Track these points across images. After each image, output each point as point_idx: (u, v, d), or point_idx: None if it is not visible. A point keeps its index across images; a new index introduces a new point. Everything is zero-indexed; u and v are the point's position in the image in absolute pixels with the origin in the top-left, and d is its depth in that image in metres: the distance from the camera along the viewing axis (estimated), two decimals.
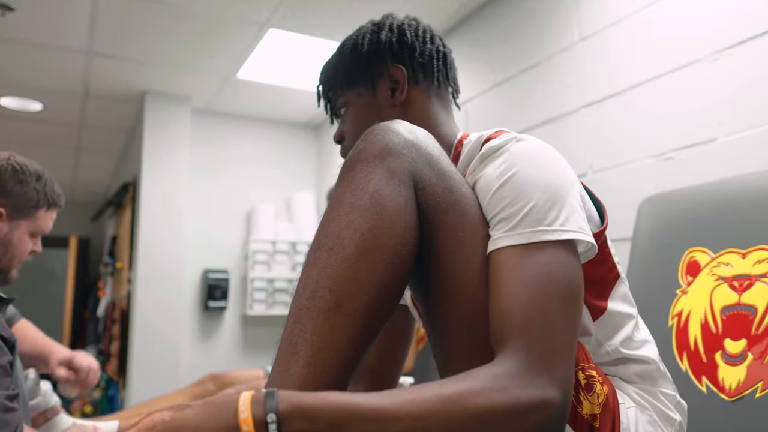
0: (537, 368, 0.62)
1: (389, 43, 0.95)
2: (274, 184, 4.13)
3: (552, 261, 0.69)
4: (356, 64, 0.95)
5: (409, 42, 0.96)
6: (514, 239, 0.70)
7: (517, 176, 0.73)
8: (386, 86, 0.95)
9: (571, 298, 0.68)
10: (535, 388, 0.60)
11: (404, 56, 0.95)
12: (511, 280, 0.68)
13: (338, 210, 0.70)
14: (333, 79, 0.97)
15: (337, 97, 0.98)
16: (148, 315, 3.36)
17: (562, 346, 0.65)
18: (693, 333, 1.28)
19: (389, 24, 0.97)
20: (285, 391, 0.56)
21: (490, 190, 0.75)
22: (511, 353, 0.63)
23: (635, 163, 1.81)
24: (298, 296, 0.69)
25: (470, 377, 0.60)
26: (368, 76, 0.94)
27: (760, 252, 1.22)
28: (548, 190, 0.72)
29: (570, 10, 2.10)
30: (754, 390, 1.13)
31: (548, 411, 0.60)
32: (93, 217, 5.62)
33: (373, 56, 0.95)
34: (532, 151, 0.76)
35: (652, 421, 0.81)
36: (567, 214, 0.72)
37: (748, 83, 1.53)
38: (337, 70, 0.97)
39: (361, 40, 0.95)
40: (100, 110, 3.81)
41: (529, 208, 0.71)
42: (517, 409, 0.58)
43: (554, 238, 0.69)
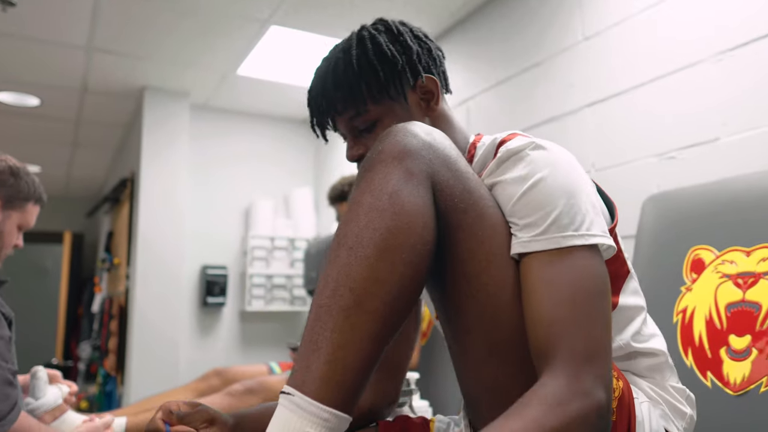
0: (583, 375, 0.66)
1: (417, 54, 0.93)
2: (272, 180, 4.13)
3: (583, 266, 0.72)
4: (387, 75, 0.90)
5: (434, 53, 0.97)
6: (543, 244, 0.73)
7: (541, 183, 0.75)
8: (417, 97, 0.94)
9: (602, 300, 0.72)
10: (584, 397, 0.65)
11: (431, 66, 0.95)
12: (548, 287, 0.71)
13: (357, 210, 0.72)
14: (357, 93, 0.90)
15: (360, 113, 0.91)
16: (147, 311, 3.36)
17: (602, 349, 0.69)
18: (698, 329, 1.30)
19: (406, 30, 0.95)
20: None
21: (514, 195, 0.77)
22: (558, 364, 0.67)
23: (638, 162, 1.83)
24: (318, 294, 0.71)
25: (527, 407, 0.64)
26: (401, 88, 0.91)
27: (765, 250, 1.24)
28: (572, 195, 0.75)
29: (573, 10, 2.12)
30: (759, 384, 1.16)
31: (599, 413, 0.66)
32: (89, 213, 5.60)
33: (405, 68, 0.92)
34: (552, 158, 0.78)
35: (665, 415, 0.84)
36: (591, 219, 0.75)
37: (751, 84, 1.55)
38: (363, 81, 0.90)
39: (387, 50, 0.91)
40: (97, 106, 3.80)
41: (557, 214, 0.74)
42: (574, 423, 0.64)
43: (582, 243, 0.73)
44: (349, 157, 0.95)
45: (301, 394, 0.66)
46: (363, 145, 0.93)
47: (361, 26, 0.96)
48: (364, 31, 0.94)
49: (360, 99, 0.91)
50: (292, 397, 0.66)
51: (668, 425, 0.83)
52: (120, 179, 3.95)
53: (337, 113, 0.93)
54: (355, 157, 0.94)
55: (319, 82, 0.94)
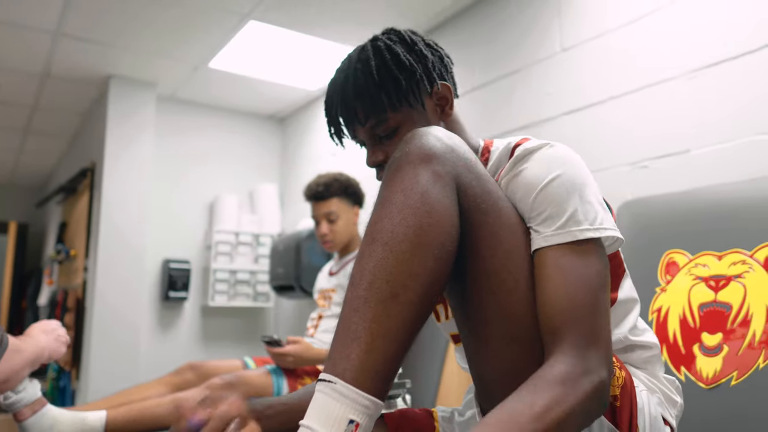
0: (590, 355, 0.74)
1: (431, 61, 0.98)
2: (237, 175, 4.10)
3: (593, 260, 0.80)
4: (408, 84, 0.94)
5: (445, 60, 1.03)
6: (562, 237, 0.80)
7: (558, 180, 0.82)
8: (433, 103, 0.99)
9: (605, 292, 0.80)
10: (592, 374, 0.72)
11: (443, 73, 1.01)
12: (562, 278, 0.78)
13: (390, 208, 0.76)
14: (380, 102, 0.94)
15: (382, 121, 0.96)
16: (108, 304, 3.28)
17: (606, 333, 0.77)
18: (672, 327, 1.40)
19: (419, 39, 1.00)
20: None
21: (533, 191, 0.83)
22: (570, 344, 0.74)
23: (612, 170, 1.94)
24: (354, 286, 0.74)
25: (545, 388, 0.70)
26: (419, 95, 0.96)
27: (735, 255, 1.35)
28: (584, 192, 0.83)
29: (552, 21, 2.21)
30: (730, 378, 1.26)
31: (603, 390, 0.73)
32: (39, 203, 5.38)
33: (423, 78, 0.96)
34: (566, 157, 0.85)
35: (660, 403, 0.91)
36: (602, 214, 0.83)
37: (721, 101, 1.67)
38: (384, 92, 0.94)
39: (405, 59, 0.95)
40: (57, 92, 3.67)
41: (573, 210, 0.81)
42: (586, 399, 0.71)
43: (597, 236, 0.80)
44: (370, 164, 0.99)
45: (344, 381, 0.68)
46: (383, 151, 0.98)
47: (374, 36, 1.00)
48: (378, 42, 0.98)
49: (381, 108, 0.95)
50: (334, 384, 0.68)
51: (664, 412, 0.91)
52: (80, 169, 3.83)
53: (359, 123, 0.97)
54: (376, 163, 0.99)
55: (338, 92, 0.98)
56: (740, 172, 1.60)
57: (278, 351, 2.01)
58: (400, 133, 0.96)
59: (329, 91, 1.01)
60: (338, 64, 1.01)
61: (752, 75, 1.62)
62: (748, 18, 1.64)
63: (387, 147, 0.97)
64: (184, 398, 0.86)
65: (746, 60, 1.63)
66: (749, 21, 1.63)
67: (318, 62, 3.25)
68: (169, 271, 3.67)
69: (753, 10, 1.63)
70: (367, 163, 1.00)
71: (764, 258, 1.29)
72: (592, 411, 0.73)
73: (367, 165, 1.00)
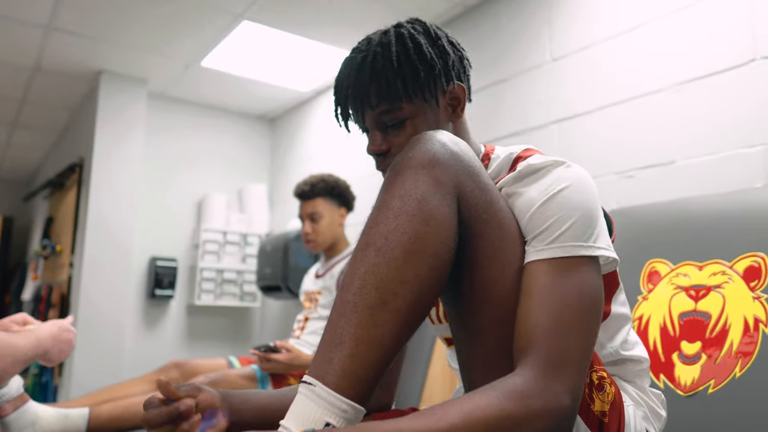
0: (554, 378, 0.70)
1: (451, 60, 0.96)
2: (227, 174, 4.09)
3: (582, 280, 0.77)
4: (426, 77, 0.92)
5: (464, 61, 1.00)
6: (553, 252, 0.77)
7: (561, 194, 0.80)
8: (445, 102, 0.96)
9: (594, 311, 0.77)
10: (550, 396, 0.69)
11: (461, 75, 0.99)
12: (543, 293, 0.75)
13: (386, 213, 0.75)
14: (395, 89, 0.91)
15: (393, 109, 0.92)
16: (93, 300, 3.26)
17: (580, 358, 0.74)
18: (652, 335, 1.42)
19: (443, 36, 0.97)
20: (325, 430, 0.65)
21: (533, 206, 0.81)
22: (531, 362, 0.71)
23: (599, 178, 1.96)
24: (344, 290, 0.74)
25: (490, 390, 0.69)
26: (434, 91, 0.94)
27: (716, 265, 1.37)
28: (588, 210, 0.80)
29: (542, 31, 2.24)
30: (707, 386, 1.28)
31: (558, 416, 0.70)
32: (26, 197, 5.34)
33: (441, 73, 0.94)
34: (575, 174, 0.83)
35: (646, 417, 0.91)
36: (598, 233, 0.80)
37: (707, 114, 1.70)
38: (401, 79, 0.91)
39: (428, 52, 0.93)
40: (47, 86, 3.65)
41: (571, 224, 0.78)
42: (532, 416, 0.68)
43: (589, 254, 0.78)
44: (371, 151, 0.96)
45: (323, 384, 0.68)
46: (388, 141, 0.94)
47: (398, 23, 0.97)
48: (402, 29, 0.95)
49: (396, 95, 0.91)
50: (314, 387, 0.69)
51: (648, 426, 0.91)
52: (68, 164, 3.81)
53: (369, 106, 0.93)
54: (377, 151, 0.95)
55: (352, 73, 0.94)
56: (723, 184, 1.63)
57: (271, 357, 2.01)
58: (408, 126, 0.92)
59: (343, 70, 0.96)
60: (356, 45, 0.98)
61: (738, 89, 1.65)
62: (735, 33, 1.67)
63: (391, 137, 0.94)
64: (166, 381, 0.83)
65: (732, 74, 1.66)
66: (736, 36, 1.67)
67: (310, 64, 3.26)
68: (155, 269, 3.65)
69: (740, 26, 1.66)
70: (367, 149, 0.96)
71: (743, 269, 1.32)
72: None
73: (367, 152, 0.96)
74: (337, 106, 0.98)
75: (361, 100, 0.93)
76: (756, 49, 1.62)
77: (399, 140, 0.93)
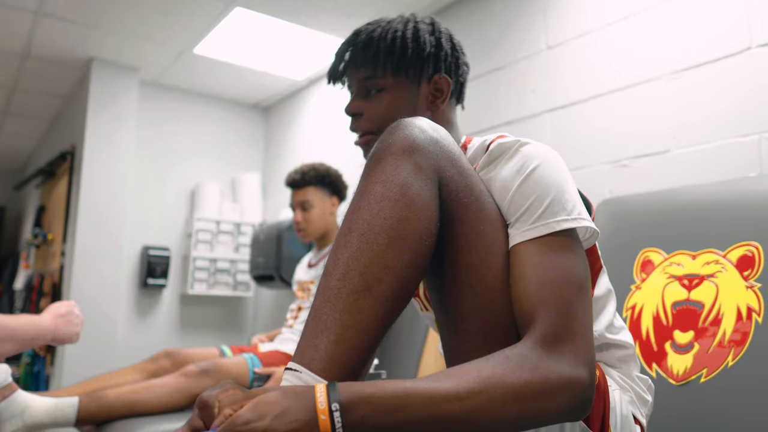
0: (564, 348, 0.70)
1: (445, 53, 1.00)
2: (219, 163, 4.07)
3: (568, 252, 0.78)
4: (413, 57, 0.98)
5: (460, 56, 1.04)
6: (537, 231, 0.78)
7: (534, 173, 0.81)
8: (428, 90, 1.00)
9: (585, 283, 0.78)
10: (564, 367, 0.69)
11: (451, 71, 1.02)
12: (535, 269, 0.76)
13: (368, 198, 0.75)
14: (382, 58, 0.97)
15: (376, 76, 0.99)
16: (85, 289, 3.25)
17: (585, 329, 0.74)
18: (645, 324, 1.42)
19: (445, 33, 1.02)
20: (345, 383, 0.63)
21: (510, 188, 0.82)
22: (537, 334, 0.71)
23: (592, 167, 1.95)
24: (327, 276, 0.73)
25: (503, 358, 0.68)
26: (418, 74, 0.98)
27: (709, 255, 1.37)
28: (561, 186, 0.81)
29: (537, 18, 2.22)
30: (699, 375, 1.28)
31: (577, 389, 0.69)
32: (18, 186, 5.30)
33: (431, 59, 0.99)
34: (541, 151, 0.84)
35: (632, 402, 0.92)
36: (579, 206, 0.81)
37: (701, 103, 1.69)
38: (390, 51, 0.97)
39: (423, 37, 0.98)
40: (38, 74, 3.61)
41: (549, 202, 0.79)
42: (548, 387, 0.67)
43: (573, 225, 0.79)
44: (346, 110, 1.02)
45: (309, 371, 0.68)
46: (363, 106, 1.00)
47: (412, 14, 1.05)
48: (411, 16, 1.02)
49: (380, 64, 0.98)
50: (299, 374, 0.68)
51: (635, 411, 0.91)
52: (59, 152, 3.78)
53: (354, 67, 1.00)
54: (351, 111, 1.01)
55: (353, 36, 1.02)
56: (717, 173, 1.62)
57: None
58: (385, 96, 0.99)
59: (349, 36, 1.04)
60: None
61: (733, 78, 1.64)
62: (731, 21, 1.66)
63: (368, 104, 1.00)
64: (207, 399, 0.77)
65: (728, 63, 1.65)
66: (732, 24, 1.65)
67: (304, 52, 3.23)
68: (148, 258, 3.63)
69: (736, 14, 1.65)
70: (345, 109, 1.03)
71: (737, 258, 1.31)
72: (559, 408, 0.68)
73: (345, 110, 1.03)
74: (332, 65, 1.04)
75: (351, 60, 1.01)
76: (752, 37, 1.61)
77: (374, 108, 1.00)
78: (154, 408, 1.77)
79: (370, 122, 1.00)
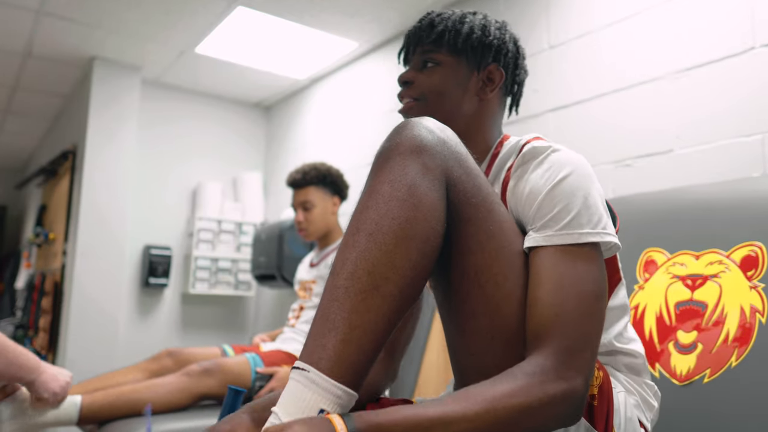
0: (569, 363, 0.73)
1: (506, 48, 1.02)
2: (221, 162, 4.07)
3: (591, 264, 0.79)
4: (477, 43, 0.99)
5: (520, 58, 1.05)
6: (563, 239, 0.79)
7: (563, 182, 0.82)
8: (481, 77, 1.00)
9: (602, 296, 0.79)
10: (565, 381, 0.72)
11: (509, 66, 1.03)
12: (555, 279, 0.77)
13: (376, 198, 0.76)
14: (446, 35, 0.99)
15: (435, 50, 1.00)
16: (87, 289, 3.25)
17: (593, 342, 0.76)
18: (648, 324, 1.41)
19: (509, 31, 1.05)
20: (359, 414, 0.66)
21: (540, 193, 0.83)
22: (548, 348, 0.74)
23: (595, 167, 1.95)
24: (335, 275, 0.74)
25: (510, 377, 0.71)
26: (476, 59, 1.00)
27: (712, 255, 1.37)
28: (589, 195, 0.82)
29: (539, 18, 2.22)
30: (703, 376, 1.27)
31: (574, 398, 0.73)
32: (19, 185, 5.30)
33: (491, 48, 1.00)
34: (572, 160, 0.85)
35: (637, 405, 0.92)
36: (604, 219, 0.82)
37: (704, 102, 1.69)
38: (457, 32, 0.99)
39: (490, 29, 1.01)
40: (39, 73, 3.61)
41: (576, 213, 0.80)
42: (551, 401, 0.70)
43: (597, 240, 0.80)
44: (400, 78, 1.02)
45: (317, 370, 0.68)
46: (417, 76, 1.01)
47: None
48: (483, 13, 1.06)
49: (443, 39, 0.99)
50: (307, 373, 0.69)
51: (640, 415, 0.91)
52: (60, 151, 3.78)
53: (419, 42, 1.02)
54: (403, 79, 1.02)
55: (430, 15, 1.03)
56: (720, 173, 1.62)
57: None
58: (438, 71, 0.99)
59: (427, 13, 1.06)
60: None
61: (736, 77, 1.63)
62: (734, 21, 1.65)
63: (421, 75, 1.00)
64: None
65: (731, 62, 1.65)
66: (735, 24, 1.65)
67: (306, 51, 3.23)
68: (150, 257, 3.63)
69: (739, 13, 1.64)
70: (398, 77, 1.03)
71: (740, 258, 1.31)
72: (558, 417, 0.72)
73: (398, 79, 1.03)
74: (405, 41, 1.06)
75: (419, 32, 1.02)
76: (755, 37, 1.61)
77: (426, 81, 1.00)
78: (156, 407, 1.78)
79: (419, 90, 1.00)
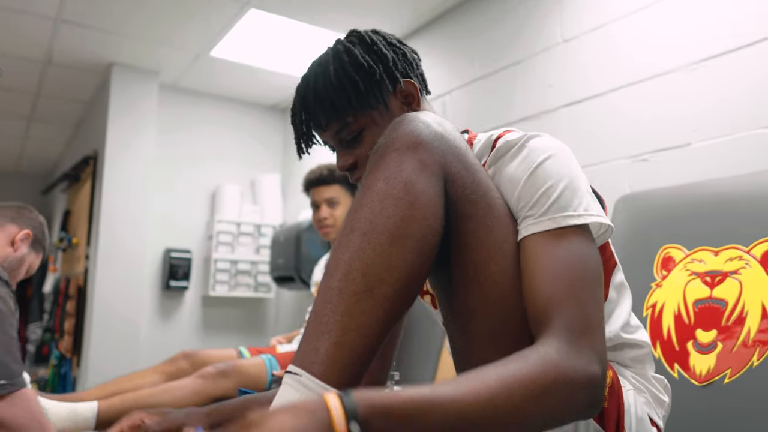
0: (581, 346, 0.68)
1: (394, 61, 0.96)
2: (239, 165, 4.09)
3: (579, 249, 0.75)
4: (367, 86, 0.92)
5: (409, 57, 1.00)
6: (546, 224, 0.76)
7: (542, 166, 0.79)
8: (399, 102, 0.96)
9: (598, 278, 0.75)
10: (583, 364, 0.67)
11: (408, 70, 0.98)
12: (547, 265, 0.74)
13: (371, 196, 0.73)
14: (340, 107, 0.92)
15: (346, 124, 0.93)
16: (108, 292, 3.29)
17: (598, 324, 0.72)
18: (666, 323, 1.37)
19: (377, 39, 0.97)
20: (360, 393, 0.58)
21: (519, 182, 0.80)
22: (555, 332, 0.69)
23: (612, 162, 1.91)
24: (328, 277, 0.72)
25: (523, 359, 0.66)
26: (381, 96, 0.93)
27: (732, 251, 1.32)
28: (570, 178, 0.79)
29: (553, 12, 2.18)
30: (723, 376, 1.23)
31: (594, 385, 0.67)
32: (45, 190, 5.40)
33: (384, 75, 0.94)
34: (548, 145, 0.82)
35: (648, 403, 0.89)
36: (587, 201, 0.79)
37: (721, 94, 1.64)
38: (339, 96, 0.92)
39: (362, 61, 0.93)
40: (60, 80, 3.67)
41: (557, 196, 0.77)
42: (570, 385, 0.65)
43: (580, 222, 0.76)
44: (340, 168, 0.98)
45: (309, 374, 0.66)
46: (352, 155, 0.96)
47: (336, 40, 0.99)
48: (338, 45, 0.97)
49: (342, 112, 0.93)
50: (299, 377, 0.67)
51: (651, 412, 0.88)
52: (82, 157, 3.84)
53: (321, 129, 0.96)
54: (345, 167, 0.97)
55: (300, 100, 0.97)
56: (739, 166, 1.57)
57: None
58: (367, 136, 0.94)
59: (294, 98, 0.99)
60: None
61: (753, 67, 1.58)
62: (749, 10, 1.60)
63: (355, 150, 0.95)
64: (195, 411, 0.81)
65: (747, 52, 1.60)
66: (751, 13, 1.60)
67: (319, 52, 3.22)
68: (170, 261, 3.67)
69: (754, 2, 1.59)
70: (338, 166, 0.98)
71: (761, 254, 1.27)
72: (575, 404, 0.67)
73: (338, 169, 0.99)
74: (296, 134, 0.99)
75: (314, 124, 0.96)
76: None
77: (361, 151, 0.94)
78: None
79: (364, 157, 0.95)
